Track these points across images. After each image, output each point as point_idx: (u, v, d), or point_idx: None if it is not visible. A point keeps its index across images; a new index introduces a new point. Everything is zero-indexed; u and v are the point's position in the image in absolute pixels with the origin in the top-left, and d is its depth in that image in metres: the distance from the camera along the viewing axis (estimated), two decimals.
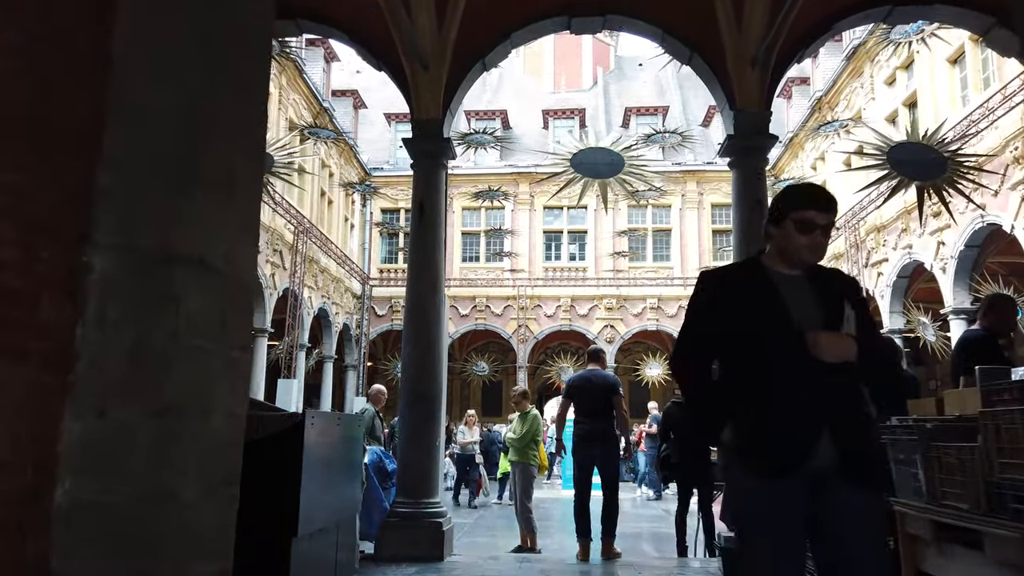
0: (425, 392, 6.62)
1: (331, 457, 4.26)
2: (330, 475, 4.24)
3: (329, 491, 4.22)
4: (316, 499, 3.99)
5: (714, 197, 23.59)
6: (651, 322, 22.94)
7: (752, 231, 6.76)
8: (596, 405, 6.47)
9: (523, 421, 7.71)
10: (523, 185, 23.85)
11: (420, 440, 6.51)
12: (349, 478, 4.74)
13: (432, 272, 6.87)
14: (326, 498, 4.17)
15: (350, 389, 22.68)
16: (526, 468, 7.60)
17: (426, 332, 6.73)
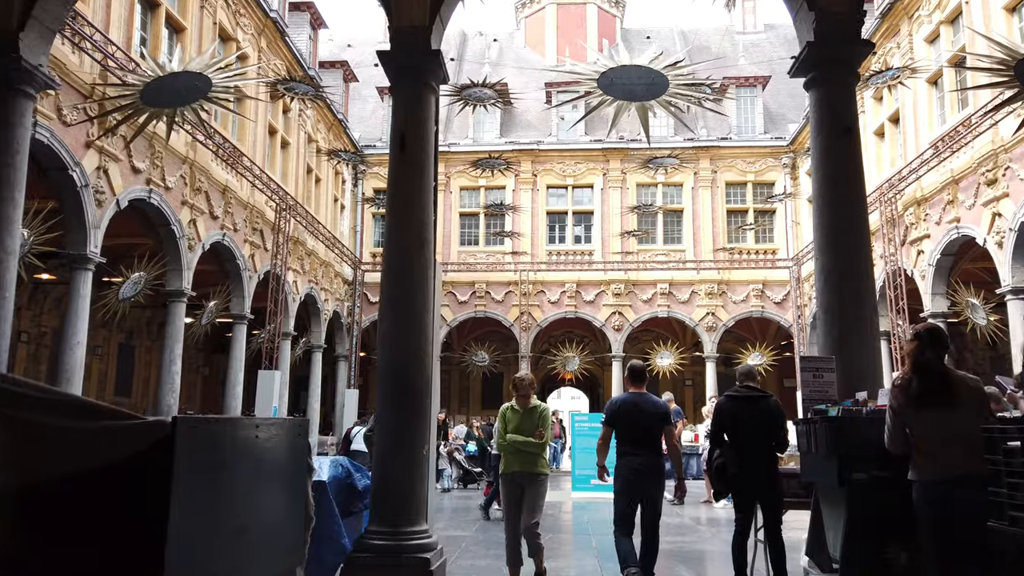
0: (409, 383, 4.94)
1: (238, 487, 2.58)
2: (235, 513, 2.57)
3: (234, 539, 2.55)
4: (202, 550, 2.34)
5: (729, 175, 21.86)
6: (662, 308, 21.25)
7: (835, 168, 5.08)
8: (644, 435, 5.55)
9: (529, 417, 5.58)
10: (525, 163, 22.11)
11: (401, 447, 4.84)
12: (283, 513, 3.07)
13: (417, 222, 5.18)
14: (226, 548, 2.51)
15: (341, 381, 21.00)
16: (536, 480, 5.57)
17: (410, 302, 5.05)
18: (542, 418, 5.66)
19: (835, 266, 4.99)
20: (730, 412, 5.70)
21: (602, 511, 11.75)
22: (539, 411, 5.70)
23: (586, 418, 14.11)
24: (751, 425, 5.56)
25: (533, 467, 5.53)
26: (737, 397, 5.72)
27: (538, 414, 5.66)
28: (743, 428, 5.59)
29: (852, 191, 5.01)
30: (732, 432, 5.68)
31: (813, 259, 5.23)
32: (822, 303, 5.07)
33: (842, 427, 4.10)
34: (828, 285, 5.01)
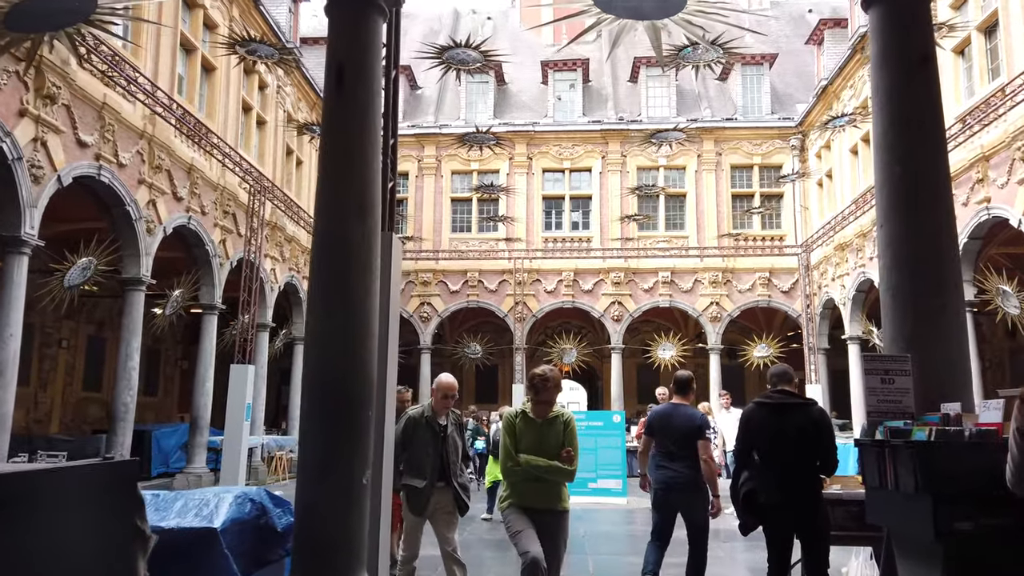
0: (342, 392, 3.70)
1: None
2: None
3: None
4: None
5: (733, 158, 20.54)
6: (663, 298, 19.99)
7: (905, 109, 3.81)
8: (678, 447, 5.24)
9: (550, 430, 4.15)
10: (520, 145, 20.79)
11: (330, 475, 3.60)
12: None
13: (358, 180, 3.91)
14: None
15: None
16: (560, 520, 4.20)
17: (345, 286, 3.79)
18: (569, 432, 4.19)
19: (906, 235, 3.73)
20: (761, 424, 4.46)
21: (600, 521, 10.53)
22: (563, 421, 4.21)
23: (582, 416, 12.87)
24: (789, 440, 4.33)
25: (556, 502, 4.14)
26: (770, 405, 4.48)
27: (563, 426, 4.19)
28: (779, 444, 4.35)
29: (928, 137, 3.75)
30: (764, 449, 4.44)
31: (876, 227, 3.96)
32: (888, 284, 3.81)
33: (936, 455, 2.88)
34: (896, 261, 3.75)
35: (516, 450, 4.10)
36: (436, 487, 4.72)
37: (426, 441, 4.82)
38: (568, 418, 4.27)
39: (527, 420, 4.19)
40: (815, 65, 21.01)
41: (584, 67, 21.53)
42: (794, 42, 22.57)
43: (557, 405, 4.30)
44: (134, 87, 10.85)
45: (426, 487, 4.67)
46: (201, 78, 13.74)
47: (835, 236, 17.72)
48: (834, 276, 18.11)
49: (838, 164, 18.24)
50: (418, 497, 4.68)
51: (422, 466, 4.73)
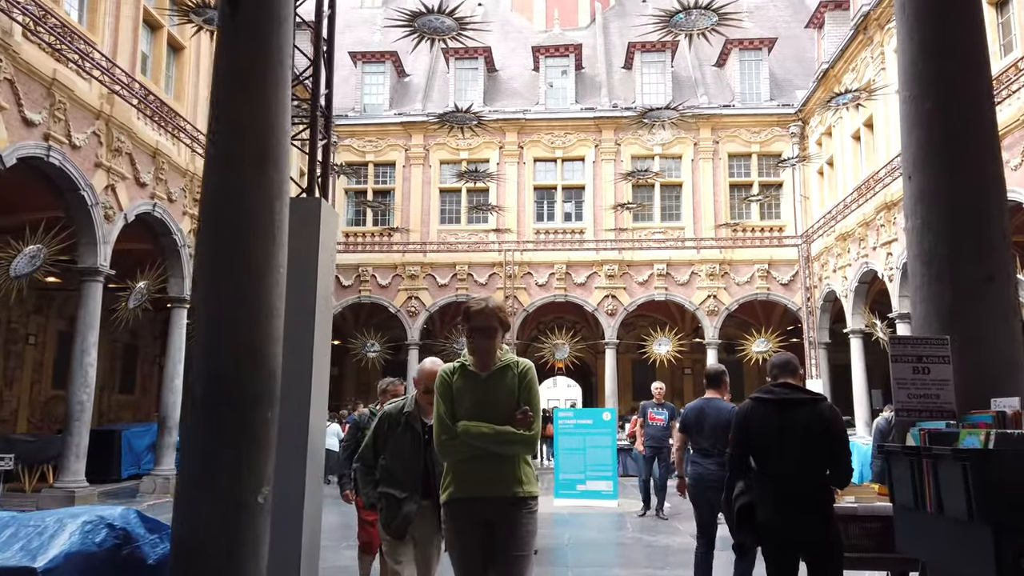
0: (231, 389, 2.91)
1: None
2: None
3: None
4: None
5: (731, 146, 19.72)
6: (659, 291, 19.18)
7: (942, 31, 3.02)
8: (708, 444, 5.14)
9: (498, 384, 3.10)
10: (511, 134, 19.98)
11: (215, 491, 2.83)
12: None
13: (259, 124, 3.12)
14: None
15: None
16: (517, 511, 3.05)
17: (238, 257, 3.01)
18: (526, 387, 3.05)
19: (941, 187, 2.95)
20: (760, 423, 3.67)
21: (587, 527, 9.72)
22: (517, 373, 3.06)
23: (571, 414, 12.09)
24: (793, 444, 3.54)
25: (512, 486, 2.97)
26: (771, 401, 3.69)
27: (516, 379, 3.05)
28: (781, 448, 3.57)
29: (970, 65, 2.98)
30: (764, 454, 3.65)
31: (904, 178, 3.17)
32: (918, 249, 3.03)
33: (998, 469, 2.10)
34: (929, 220, 2.97)
35: (453, 418, 2.98)
36: (418, 505, 3.63)
37: (405, 446, 3.70)
38: (524, 368, 3.08)
39: (467, 376, 3.05)
40: (815, 50, 20.19)
41: (577, 53, 20.72)
42: (793, 27, 21.76)
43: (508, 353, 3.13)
44: (88, 63, 10.08)
45: (405, 503, 3.63)
46: (168, 57, 12.94)
47: (836, 226, 16.93)
48: (835, 267, 17.32)
49: (839, 151, 17.44)
50: (395, 512, 3.62)
51: (399, 478, 3.69)
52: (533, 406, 3.04)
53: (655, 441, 9.95)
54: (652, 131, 16.12)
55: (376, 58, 20.67)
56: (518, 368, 3.09)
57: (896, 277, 14.36)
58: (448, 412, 3.03)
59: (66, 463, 10.42)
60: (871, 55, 15.59)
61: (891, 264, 14.61)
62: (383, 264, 19.56)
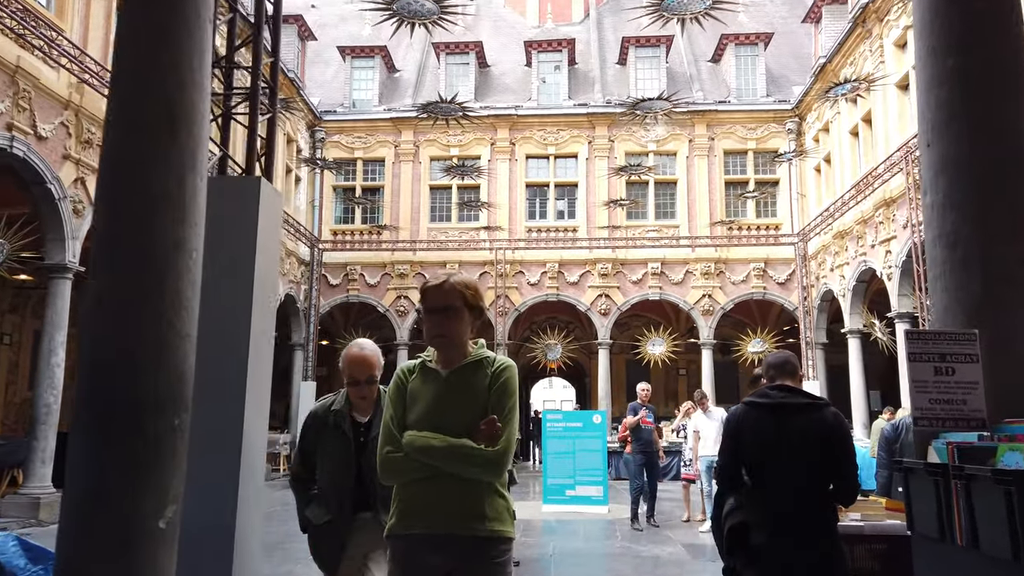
0: (133, 390, 2.45)
1: None
2: None
3: None
4: None
5: (727, 143, 19.28)
6: (653, 291, 18.73)
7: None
8: None
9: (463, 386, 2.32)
10: (502, 130, 19.53)
11: (106, 512, 2.36)
12: None
13: (171, 78, 2.66)
14: None
15: (297, 372, 18.50)
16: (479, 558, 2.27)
17: (140, 238, 2.55)
18: (499, 389, 2.30)
19: (965, 156, 2.50)
20: (755, 431, 3.21)
21: (575, 535, 9.24)
22: (491, 372, 2.33)
23: (560, 416, 11.63)
24: (792, 454, 3.09)
25: (470, 522, 2.21)
26: (767, 406, 3.22)
27: (488, 380, 2.31)
28: (778, 460, 3.12)
29: (1004, 12, 2.53)
30: (758, 467, 3.20)
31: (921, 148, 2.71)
32: (939, 229, 2.57)
33: None
34: (952, 194, 2.51)
35: (402, 427, 2.27)
36: (353, 522, 2.90)
37: (333, 452, 2.95)
38: (501, 366, 2.33)
39: (426, 374, 2.34)
40: (812, 45, 19.77)
41: (570, 48, 20.27)
42: (790, 22, 21.33)
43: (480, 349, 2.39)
44: (56, 51, 9.60)
45: (334, 523, 2.90)
46: None
47: (834, 224, 16.50)
48: (833, 266, 16.88)
49: (837, 147, 17.01)
50: (323, 540, 2.94)
51: (327, 491, 2.98)
52: (504, 415, 2.22)
53: (648, 446, 9.43)
54: (645, 123, 15.64)
55: (365, 53, 20.20)
56: (492, 365, 2.31)
57: (895, 276, 13.92)
58: (396, 419, 2.28)
59: (32, 468, 9.85)
60: (870, 48, 15.17)
61: (890, 262, 14.17)
62: (372, 263, 19.09)
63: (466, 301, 2.34)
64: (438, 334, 2.32)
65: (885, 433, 4.03)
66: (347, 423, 2.98)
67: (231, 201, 3.40)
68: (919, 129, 2.72)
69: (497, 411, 2.24)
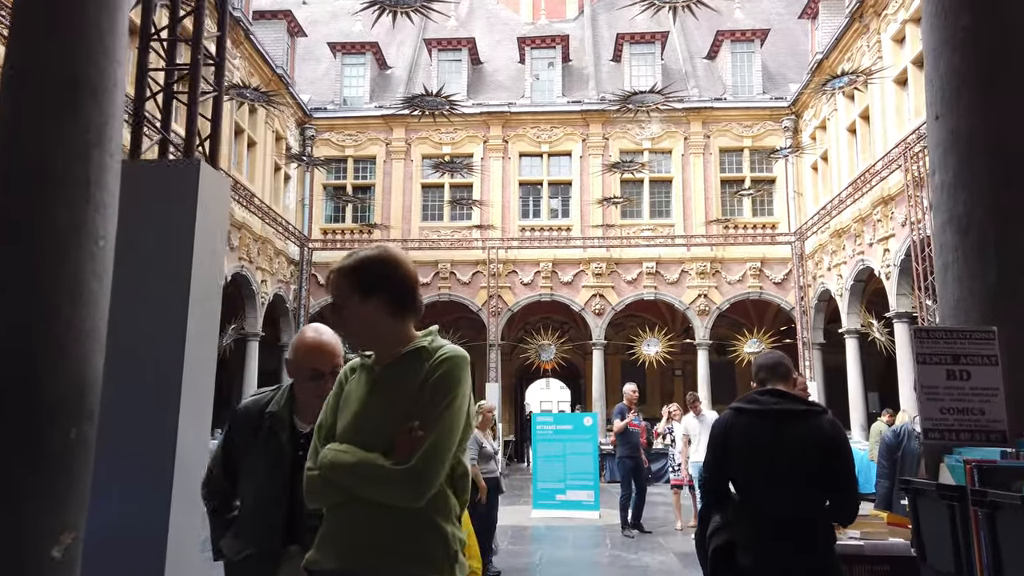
0: (32, 391, 2.12)
1: None
2: None
3: None
4: None
5: (723, 140, 18.96)
6: (648, 290, 18.40)
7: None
8: None
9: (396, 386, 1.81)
10: (495, 127, 19.20)
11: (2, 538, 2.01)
12: None
13: (73, 44, 2.33)
14: None
15: (286, 374, 18.11)
16: None
17: (41, 216, 2.22)
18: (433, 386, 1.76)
19: (976, 130, 2.17)
20: (743, 441, 2.88)
21: (563, 543, 8.87)
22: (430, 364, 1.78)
23: (550, 419, 11.30)
24: (784, 466, 2.76)
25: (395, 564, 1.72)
26: (756, 412, 2.90)
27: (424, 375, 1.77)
28: (769, 473, 2.79)
29: None
30: (747, 481, 2.87)
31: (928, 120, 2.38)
32: (949, 215, 2.24)
33: None
34: (963, 172, 2.19)
35: (330, 437, 1.85)
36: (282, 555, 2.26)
37: (264, 466, 2.32)
38: (441, 356, 1.80)
39: (363, 373, 1.89)
40: (808, 42, 19.46)
41: (564, 44, 19.94)
42: (786, 19, 21.01)
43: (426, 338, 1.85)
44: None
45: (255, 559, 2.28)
46: None
47: (831, 222, 16.18)
48: (830, 265, 16.56)
49: (835, 145, 16.69)
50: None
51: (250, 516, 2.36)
52: (433, 419, 1.70)
53: (636, 450, 9.08)
54: (639, 120, 15.30)
55: (356, 49, 19.87)
56: (432, 357, 1.78)
57: (894, 275, 13.61)
58: (325, 428, 1.87)
59: None
60: (867, 43, 14.85)
61: (888, 261, 13.85)
62: None
63: (360, 285, 1.80)
64: (343, 334, 1.91)
65: (886, 440, 3.71)
66: (285, 431, 2.32)
67: (165, 187, 3.06)
68: (927, 100, 2.39)
69: (424, 414, 1.72)
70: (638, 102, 11.70)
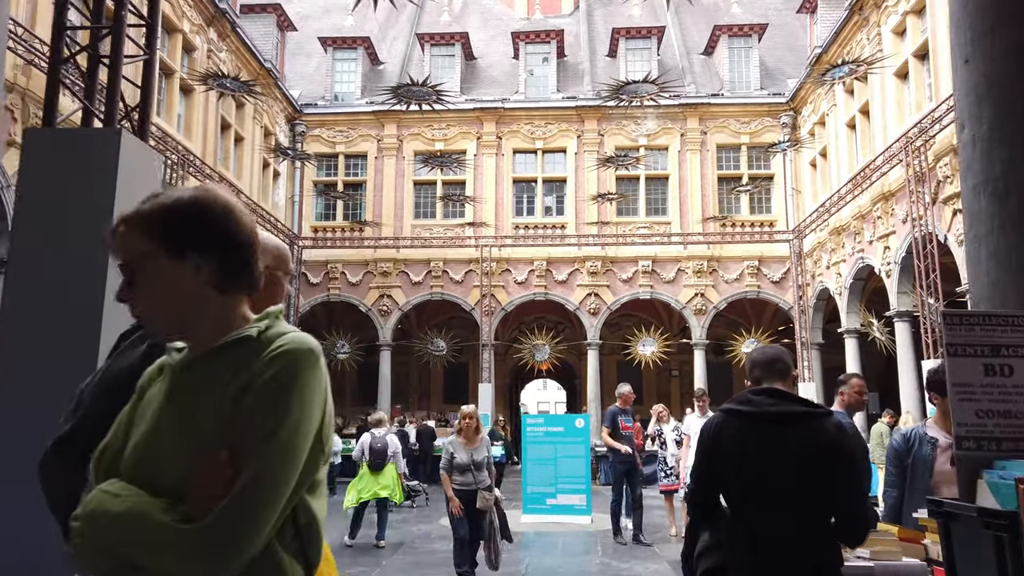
0: None
1: None
2: None
3: None
4: None
5: (720, 136, 18.59)
6: (644, 289, 18.02)
7: None
8: None
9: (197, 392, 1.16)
10: (488, 124, 18.83)
11: None
12: None
13: None
14: None
15: None
16: None
17: None
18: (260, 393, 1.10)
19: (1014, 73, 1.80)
20: (736, 448, 2.49)
21: (552, 549, 8.45)
22: (263, 359, 1.13)
23: (541, 421, 10.90)
24: (784, 477, 2.37)
25: None
26: (752, 415, 2.51)
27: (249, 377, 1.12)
28: (766, 484, 2.40)
29: None
30: (741, 493, 2.48)
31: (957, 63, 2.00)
32: (982, 177, 1.86)
33: None
34: (998, 128, 1.81)
35: (106, 470, 1.20)
36: None
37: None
38: (276, 350, 1.14)
39: (166, 374, 1.25)
40: (807, 38, 19.11)
41: (559, 40, 19.56)
42: (784, 15, 20.66)
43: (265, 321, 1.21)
44: None
45: None
46: None
47: (830, 220, 15.81)
48: (829, 263, 16.19)
49: (834, 141, 16.32)
50: None
51: None
52: (252, 449, 1.09)
53: (628, 454, 8.39)
54: (631, 112, 14.89)
55: (347, 44, 19.49)
56: (264, 351, 1.15)
57: (894, 272, 13.24)
58: (108, 456, 1.23)
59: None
60: (867, 37, 14.48)
61: (889, 259, 13.48)
62: (353, 260, 18.35)
63: (167, 239, 1.15)
64: (135, 313, 1.19)
65: (895, 444, 3.33)
66: None
67: (76, 157, 2.67)
68: (952, 42, 2.02)
69: (239, 438, 1.10)
70: (631, 92, 11.31)
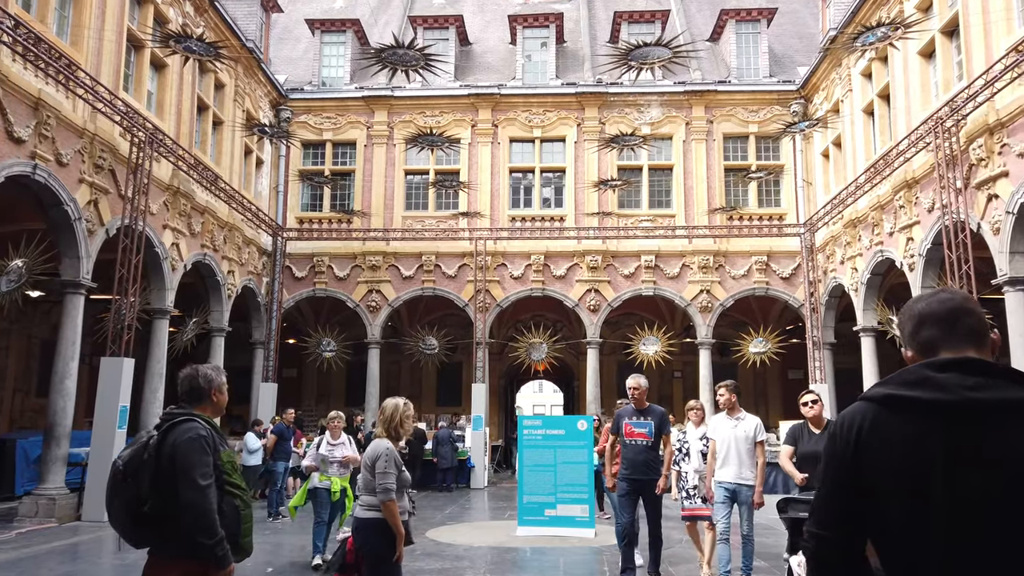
0: None
1: None
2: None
3: None
4: None
5: (727, 126, 17.60)
6: (646, 285, 16.99)
7: None
8: None
9: None
10: (484, 111, 17.79)
11: None
12: None
13: None
14: None
15: (258, 373, 16.64)
16: None
17: None
18: None
19: None
20: (899, 457, 1.40)
21: (553, 570, 7.36)
22: None
23: (539, 423, 9.81)
24: (988, 508, 1.30)
25: None
26: (929, 404, 1.42)
27: None
28: (953, 519, 1.31)
29: None
30: (906, 533, 1.40)
31: None
32: None
33: None
34: None
35: None
36: None
37: None
38: None
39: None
40: (817, 25, 18.18)
41: (558, 24, 18.55)
42: (793, 1, 19.73)
43: None
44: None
45: None
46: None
47: (845, 211, 14.82)
48: (843, 258, 15.19)
49: (849, 129, 15.33)
50: None
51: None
52: None
53: (637, 470, 6.03)
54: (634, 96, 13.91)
55: (336, 26, 18.45)
56: None
57: (919, 266, 12.22)
58: None
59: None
60: (887, 14, 13.48)
61: (912, 251, 12.48)
62: (341, 253, 17.28)
63: None
64: None
65: None
66: None
67: None
68: None
69: None
70: (640, 57, 10.26)
